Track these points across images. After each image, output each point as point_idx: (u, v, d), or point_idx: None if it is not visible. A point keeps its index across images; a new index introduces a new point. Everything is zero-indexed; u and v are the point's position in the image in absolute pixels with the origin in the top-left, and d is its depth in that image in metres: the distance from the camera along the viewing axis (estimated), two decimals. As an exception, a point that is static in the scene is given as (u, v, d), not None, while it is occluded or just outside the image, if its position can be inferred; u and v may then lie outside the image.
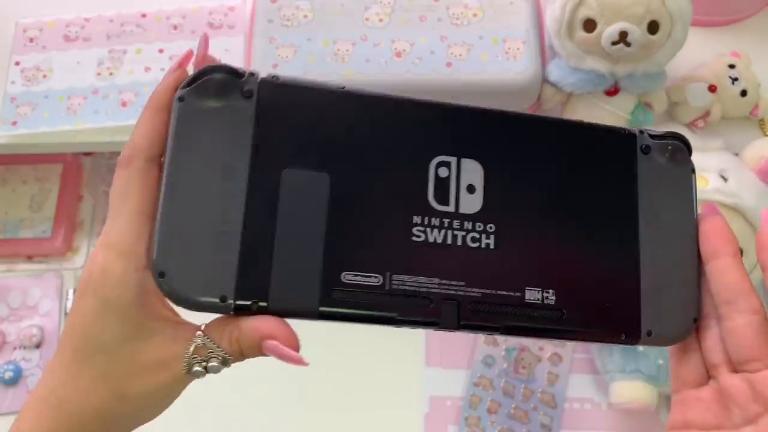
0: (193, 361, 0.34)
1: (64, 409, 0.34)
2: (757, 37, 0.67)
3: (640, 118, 0.58)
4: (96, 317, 0.33)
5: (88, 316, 0.34)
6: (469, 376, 0.66)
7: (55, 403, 0.35)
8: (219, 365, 0.34)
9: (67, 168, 0.76)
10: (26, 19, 0.67)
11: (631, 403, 0.59)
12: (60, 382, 0.34)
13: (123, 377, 0.34)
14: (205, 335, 0.34)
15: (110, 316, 0.33)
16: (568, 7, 0.54)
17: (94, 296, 0.33)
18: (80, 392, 0.34)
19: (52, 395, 0.35)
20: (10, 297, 0.71)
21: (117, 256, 0.33)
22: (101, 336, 0.33)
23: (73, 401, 0.34)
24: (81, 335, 0.34)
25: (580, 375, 0.66)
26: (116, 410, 0.34)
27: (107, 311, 0.33)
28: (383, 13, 0.59)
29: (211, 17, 0.67)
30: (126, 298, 0.33)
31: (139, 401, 0.35)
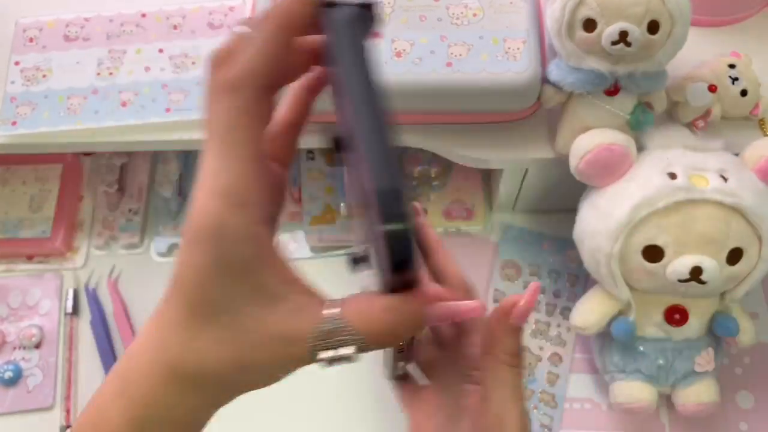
0: (320, 345, 0.29)
1: (179, 370, 0.30)
2: (757, 37, 0.67)
3: (641, 118, 0.58)
4: (212, 274, 0.29)
5: (202, 271, 0.29)
6: (469, 376, 0.66)
7: (168, 362, 0.30)
8: (351, 353, 0.29)
9: (67, 168, 0.76)
10: (26, 19, 0.67)
11: (631, 403, 0.59)
12: (175, 341, 0.30)
13: (248, 346, 0.30)
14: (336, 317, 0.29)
15: (228, 275, 0.29)
16: (568, 7, 0.54)
17: (207, 251, 0.29)
18: (199, 354, 0.30)
19: (166, 353, 0.30)
20: (10, 297, 0.71)
21: (233, 207, 0.29)
22: (220, 296, 0.29)
23: (189, 363, 0.30)
24: (196, 292, 0.30)
25: (580, 375, 0.66)
26: (233, 379, 0.31)
27: (225, 269, 0.29)
28: (383, 13, 0.59)
29: (212, 17, 0.67)
30: (246, 255, 0.29)
31: (257, 374, 0.31)
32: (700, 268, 0.54)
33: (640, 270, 0.56)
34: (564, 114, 0.60)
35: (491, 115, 0.60)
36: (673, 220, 0.54)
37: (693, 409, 0.59)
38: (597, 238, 0.56)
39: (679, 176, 0.55)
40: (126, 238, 0.73)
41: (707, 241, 0.54)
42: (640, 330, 0.60)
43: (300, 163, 0.76)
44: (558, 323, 0.68)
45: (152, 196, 0.75)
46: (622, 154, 0.56)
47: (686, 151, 0.58)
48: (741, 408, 0.65)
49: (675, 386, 0.60)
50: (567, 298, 0.69)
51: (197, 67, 0.64)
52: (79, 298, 0.71)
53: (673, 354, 0.59)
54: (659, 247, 0.55)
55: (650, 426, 0.64)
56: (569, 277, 0.71)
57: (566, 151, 0.59)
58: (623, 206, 0.55)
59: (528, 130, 0.62)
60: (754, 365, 0.66)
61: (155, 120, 0.62)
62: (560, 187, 0.65)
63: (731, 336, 0.59)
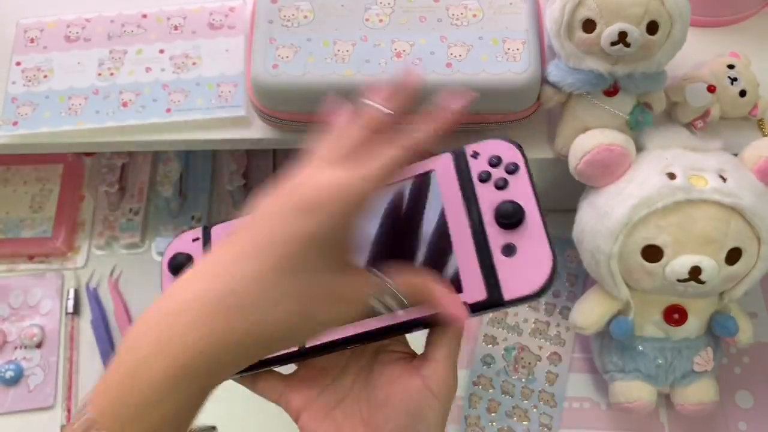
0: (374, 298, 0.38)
1: (246, 314, 0.33)
2: (756, 37, 0.67)
3: (640, 118, 0.58)
4: (317, 239, 0.35)
5: (306, 236, 0.35)
6: (468, 375, 0.66)
7: (233, 304, 0.33)
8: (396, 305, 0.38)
9: (68, 168, 0.76)
10: (27, 20, 0.67)
11: (630, 402, 0.60)
12: (247, 288, 0.33)
13: (317, 301, 0.35)
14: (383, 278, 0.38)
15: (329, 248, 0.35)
16: (567, 8, 0.54)
17: (323, 221, 0.35)
18: (269, 303, 0.34)
19: (231, 296, 0.33)
20: (11, 297, 0.71)
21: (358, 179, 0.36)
22: (313, 258, 0.35)
23: (258, 309, 0.33)
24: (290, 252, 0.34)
25: (580, 374, 0.67)
26: (296, 329, 0.35)
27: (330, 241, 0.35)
28: (383, 13, 0.59)
29: (212, 18, 0.67)
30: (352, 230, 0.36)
31: (318, 327, 0.36)
32: (699, 268, 0.54)
33: (639, 270, 0.56)
34: (563, 114, 0.60)
35: (491, 116, 0.60)
36: (672, 220, 0.54)
37: (692, 408, 0.59)
38: (596, 238, 0.57)
39: (678, 176, 0.55)
40: (127, 237, 0.73)
41: (706, 241, 0.54)
42: (639, 329, 0.60)
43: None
44: (557, 323, 0.69)
45: (153, 196, 0.76)
46: (622, 155, 0.56)
47: (685, 152, 0.58)
48: (740, 407, 0.65)
49: (674, 386, 0.60)
50: (566, 298, 0.70)
51: (198, 67, 0.64)
52: (80, 298, 0.71)
53: (672, 353, 0.59)
54: (658, 247, 0.55)
55: (649, 425, 0.64)
56: (568, 276, 0.71)
57: (566, 151, 0.59)
58: (622, 206, 0.55)
59: (527, 131, 0.62)
60: (754, 365, 0.66)
61: (156, 120, 0.62)
62: (559, 187, 0.65)
63: (730, 336, 0.59)
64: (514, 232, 0.48)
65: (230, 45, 0.65)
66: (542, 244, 0.48)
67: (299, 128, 0.61)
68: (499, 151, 0.49)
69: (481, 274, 0.46)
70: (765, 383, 0.66)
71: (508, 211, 0.47)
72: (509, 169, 0.49)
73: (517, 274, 0.47)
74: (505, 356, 0.67)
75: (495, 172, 0.49)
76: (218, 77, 0.64)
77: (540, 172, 0.65)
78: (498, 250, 0.47)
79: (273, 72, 0.57)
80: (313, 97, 0.58)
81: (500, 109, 0.59)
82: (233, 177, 0.74)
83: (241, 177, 0.74)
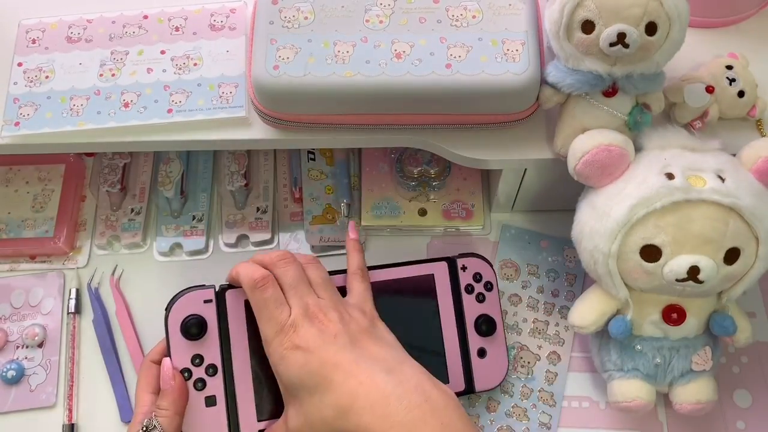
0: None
1: None
2: (754, 38, 0.67)
3: (638, 119, 0.58)
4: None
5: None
6: (468, 374, 0.66)
7: None
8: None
9: (70, 168, 0.76)
10: (29, 20, 0.68)
11: (629, 401, 0.60)
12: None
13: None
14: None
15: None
16: (566, 9, 0.54)
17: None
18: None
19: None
20: (13, 296, 0.71)
21: None
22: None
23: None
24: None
25: (579, 373, 0.67)
26: None
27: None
28: (383, 14, 0.60)
29: (213, 19, 0.67)
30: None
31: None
32: (697, 268, 0.54)
33: (638, 269, 0.56)
34: (562, 115, 0.60)
35: (490, 116, 0.60)
36: (670, 219, 0.55)
37: (690, 407, 0.59)
38: (595, 238, 0.57)
39: (676, 176, 0.55)
40: (128, 237, 0.74)
41: (704, 240, 0.54)
42: (638, 329, 0.60)
43: (300, 164, 0.76)
44: (556, 322, 0.69)
45: (154, 195, 0.76)
46: (620, 155, 0.56)
47: (684, 152, 0.58)
48: (739, 407, 0.65)
49: (672, 385, 0.60)
50: (565, 297, 0.70)
51: (199, 68, 0.64)
52: (82, 298, 0.71)
53: (670, 353, 0.59)
54: (657, 247, 0.55)
55: (648, 424, 0.64)
56: (567, 276, 0.71)
57: (565, 151, 0.59)
58: (621, 206, 0.55)
59: (527, 131, 0.63)
60: (752, 364, 0.67)
61: (157, 121, 0.62)
62: (558, 188, 0.66)
63: (728, 335, 0.59)
64: (486, 339, 0.63)
65: (231, 46, 0.66)
66: (503, 350, 0.63)
67: (300, 129, 0.62)
68: (480, 269, 0.64)
69: (462, 371, 0.61)
70: (763, 382, 0.66)
71: (486, 324, 0.62)
72: (487, 287, 0.64)
73: (485, 372, 0.62)
74: (504, 356, 0.68)
75: (477, 286, 0.63)
76: (219, 78, 0.64)
77: (539, 172, 0.66)
78: (474, 353, 0.62)
79: (274, 73, 0.57)
80: (313, 98, 0.58)
81: (499, 109, 0.59)
82: (234, 177, 0.75)
83: (242, 177, 0.75)
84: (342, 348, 0.50)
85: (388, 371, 0.49)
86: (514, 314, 0.69)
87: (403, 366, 0.50)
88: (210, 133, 0.63)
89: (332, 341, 0.50)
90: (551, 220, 0.74)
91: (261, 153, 0.78)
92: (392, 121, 0.61)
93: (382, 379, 0.48)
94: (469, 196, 0.74)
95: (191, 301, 0.56)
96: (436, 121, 0.61)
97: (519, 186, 0.68)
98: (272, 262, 0.54)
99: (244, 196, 0.75)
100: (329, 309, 0.52)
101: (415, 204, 0.74)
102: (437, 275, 0.63)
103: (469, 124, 0.61)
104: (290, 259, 0.55)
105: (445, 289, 0.63)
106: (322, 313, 0.52)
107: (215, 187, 0.77)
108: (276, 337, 0.51)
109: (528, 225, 0.74)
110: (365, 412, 0.47)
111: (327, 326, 0.51)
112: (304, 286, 0.54)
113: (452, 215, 0.73)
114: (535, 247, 0.73)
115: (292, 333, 0.50)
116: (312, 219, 0.73)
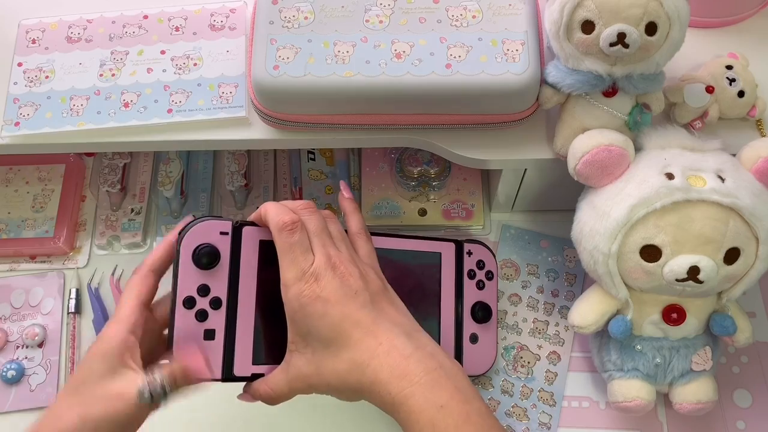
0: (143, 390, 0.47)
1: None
2: (754, 38, 0.67)
3: (638, 119, 0.58)
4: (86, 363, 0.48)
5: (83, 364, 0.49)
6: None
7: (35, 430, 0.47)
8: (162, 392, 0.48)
9: (70, 168, 0.76)
10: (29, 21, 0.68)
11: (628, 401, 0.60)
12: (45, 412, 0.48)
13: (89, 404, 0.47)
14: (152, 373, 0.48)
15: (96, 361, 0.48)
16: (566, 9, 0.54)
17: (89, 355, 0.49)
18: (55, 419, 0.47)
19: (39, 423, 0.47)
20: (13, 296, 0.71)
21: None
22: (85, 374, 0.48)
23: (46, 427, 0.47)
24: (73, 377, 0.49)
25: (579, 373, 0.67)
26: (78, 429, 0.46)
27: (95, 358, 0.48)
28: (383, 14, 0.60)
29: (213, 19, 0.67)
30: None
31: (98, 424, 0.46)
32: (697, 268, 0.54)
33: (638, 269, 0.56)
34: (562, 115, 0.60)
35: (490, 116, 0.60)
36: (670, 220, 0.55)
37: (690, 407, 0.59)
38: (595, 238, 0.57)
39: (676, 176, 0.55)
40: (128, 237, 0.74)
41: (704, 241, 0.54)
42: (638, 329, 0.60)
43: (300, 164, 0.76)
44: (556, 322, 0.69)
45: (154, 196, 0.76)
46: (620, 155, 0.56)
47: (684, 152, 0.58)
48: (739, 407, 0.65)
49: (672, 385, 0.60)
50: (565, 297, 0.70)
51: (199, 68, 0.64)
52: (82, 298, 0.71)
53: (670, 353, 0.60)
54: (657, 247, 0.55)
55: (648, 424, 0.64)
56: (567, 276, 0.71)
57: (564, 151, 0.59)
58: (621, 206, 0.55)
59: (526, 131, 0.63)
60: (752, 364, 0.67)
61: (157, 121, 0.62)
62: (558, 188, 0.66)
63: (728, 335, 0.59)
64: (480, 326, 0.63)
65: (231, 46, 0.66)
66: (493, 339, 0.64)
67: (300, 129, 0.62)
68: (484, 256, 0.65)
69: (453, 353, 0.62)
70: (763, 382, 0.66)
71: (483, 310, 0.63)
72: (488, 275, 0.65)
73: (474, 358, 0.63)
74: (504, 355, 0.68)
75: (479, 273, 0.64)
76: (219, 78, 0.64)
77: (539, 172, 0.66)
78: (467, 337, 0.63)
79: (274, 73, 0.57)
80: (313, 98, 0.58)
81: (499, 109, 0.59)
82: (234, 177, 0.75)
83: (242, 177, 0.75)
84: (363, 305, 0.50)
85: (407, 335, 0.50)
86: (514, 314, 0.69)
87: (419, 333, 0.51)
88: (210, 133, 0.63)
89: (353, 297, 0.50)
90: (551, 220, 0.74)
91: (261, 153, 0.78)
92: (392, 121, 0.61)
93: (402, 342, 0.49)
94: (469, 196, 0.74)
95: (207, 229, 0.54)
96: (436, 121, 0.61)
97: (519, 186, 0.69)
98: (297, 209, 0.54)
99: (244, 196, 0.75)
100: (350, 263, 0.52)
101: (415, 204, 0.74)
102: (444, 255, 0.63)
103: (469, 124, 0.61)
104: (314, 208, 0.54)
105: (450, 271, 0.63)
106: (343, 265, 0.51)
107: (215, 187, 0.77)
108: (296, 283, 0.50)
109: (528, 225, 0.74)
110: (383, 369, 0.48)
111: (348, 280, 0.50)
112: (328, 237, 0.53)
113: (452, 215, 0.73)
114: (535, 247, 0.73)
115: (314, 282, 0.50)
116: (312, 219, 0.73)
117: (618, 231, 0.55)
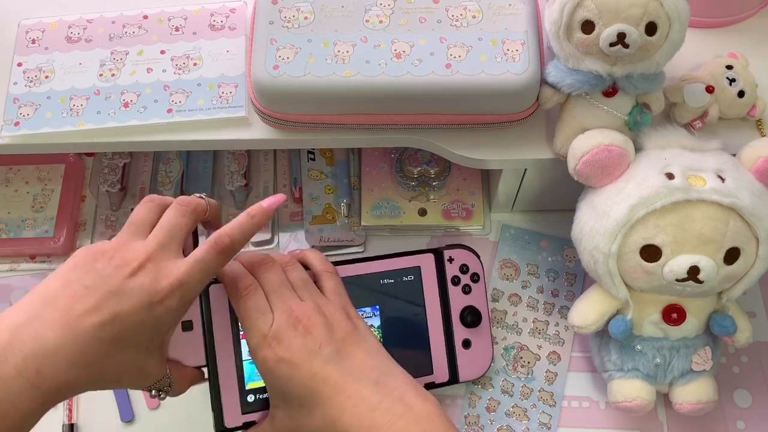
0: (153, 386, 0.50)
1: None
2: (754, 38, 0.67)
3: (638, 119, 0.58)
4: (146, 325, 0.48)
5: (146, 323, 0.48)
6: (468, 374, 0.66)
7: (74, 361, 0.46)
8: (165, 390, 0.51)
9: (70, 168, 0.76)
10: (28, 21, 0.68)
11: (629, 401, 0.60)
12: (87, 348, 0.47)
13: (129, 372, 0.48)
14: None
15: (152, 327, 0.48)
16: (566, 9, 0.54)
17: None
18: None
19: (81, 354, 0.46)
20: (13, 296, 0.71)
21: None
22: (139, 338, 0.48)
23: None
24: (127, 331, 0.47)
25: (579, 373, 0.67)
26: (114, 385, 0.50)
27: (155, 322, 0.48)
28: (383, 14, 0.60)
29: (213, 19, 0.67)
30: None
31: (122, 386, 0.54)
32: (697, 268, 0.54)
33: (638, 269, 0.56)
34: (562, 115, 0.60)
35: (490, 116, 0.60)
36: (670, 219, 0.55)
37: (690, 407, 0.59)
38: (595, 238, 0.57)
39: (676, 176, 0.55)
40: (128, 237, 0.73)
41: (705, 240, 0.54)
42: (638, 329, 0.60)
43: (300, 164, 0.76)
44: (556, 322, 0.69)
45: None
46: (620, 155, 0.57)
47: (684, 152, 0.58)
48: (739, 406, 0.65)
49: (673, 385, 0.60)
50: (565, 297, 0.70)
51: (199, 68, 0.64)
52: (82, 298, 0.71)
53: (670, 353, 0.60)
54: (657, 247, 0.55)
55: (648, 424, 0.64)
56: (567, 276, 0.71)
57: (564, 151, 0.59)
58: (621, 206, 0.55)
59: (526, 131, 0.63)
60: (752, 364, 0.67)
61: (157, 121, 0.62)
62: (558, 187, 0.66)
63: (728, 335, 0.59)
64: (472, 330, 0.63)
65: (231, 46, 0.66)
66: (488, 341, 0.64)
67: (300, 129, 0.62)
68: (467, 260, 0.64)
69: (446, 362, 0.62)
70: (764, 382, 0.66)
71: (472, 315, 0.62)
72: (474, 278, 0.64)
73: (469, 363, 0.63)
74: (504, 355, 0.68)
75: (463, 278, 0.63)
76: (219, 78, 0.64)
77: (539, 172, 0.66)
78: (459, 344, 0.63)
79: (273, 73, 0.57)
80: (313, 98, 0.58)
81: (499, 109, 0.59)
82: (234, 177, 0.75)
83: (242, 177, 0.75)
84: (328, 360, 0.49)
85: (374, 383, 0.49)
86: (514, 314, 0.69)
87: (388, 376, 0.50)
88: (210, 133, 0.63)
89: (317, 353, 0.49)
90: (551, 220, 0.74)
91: (261, 153, 0.78)
92: (392, 121, 0.61)
93: (369, 392, 0.48)
94: (469, 196, 0.74)
95: None
96: (436, 121, 0.61)
97: (519, 186, 0.69)
98: (254, 267, 0.54)
99: (244, 196, 0.75)
100: (313, 313, 0.52)
101: (415, 204, 0.74)
102: (424, 267, 0.63)
103: (469, 124, 0.61)
104: (272, 262, 0.54)
105: (432, 282, 0.63)
106: (306, 317, 0.51)
107: (215, 187, 0.77)
108: (260, 350, 0.50)
109: (528, 225, 0.74)
110: (352, 424, 0.48)
111: (312, 333, 0.50)
112: (287, 289, 0.53)
113: (452, 215, 0.73)
114: (535, 247, 0.73)
115: (276, 344, 0.50)
116: (312, 219, 0.73)
117: (618, 231, 0.55)
